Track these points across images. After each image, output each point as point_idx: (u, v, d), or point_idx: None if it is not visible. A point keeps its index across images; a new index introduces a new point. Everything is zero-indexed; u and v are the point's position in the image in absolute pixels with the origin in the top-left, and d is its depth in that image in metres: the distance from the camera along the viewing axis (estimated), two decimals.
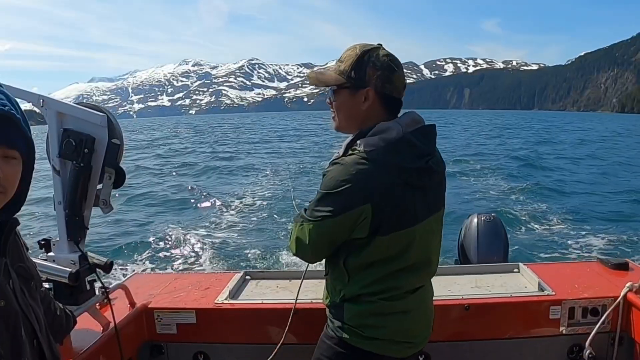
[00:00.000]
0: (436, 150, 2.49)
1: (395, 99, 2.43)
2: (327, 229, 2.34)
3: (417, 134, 2.36)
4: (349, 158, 2.30)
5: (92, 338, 3.02)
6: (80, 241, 2.85)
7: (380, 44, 2.45)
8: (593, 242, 13.46)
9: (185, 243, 13.96)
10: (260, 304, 3.50)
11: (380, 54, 2.38)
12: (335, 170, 2.31)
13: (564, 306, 3.36)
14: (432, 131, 2.49)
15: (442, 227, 2.63)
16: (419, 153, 2.34)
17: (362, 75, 2.39)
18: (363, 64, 2.38)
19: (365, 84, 2.38)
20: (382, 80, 2.37)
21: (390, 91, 2.40)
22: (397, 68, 2.40)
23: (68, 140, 2.70)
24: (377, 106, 2.41)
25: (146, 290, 3.75)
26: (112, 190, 2.84)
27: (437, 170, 2.43)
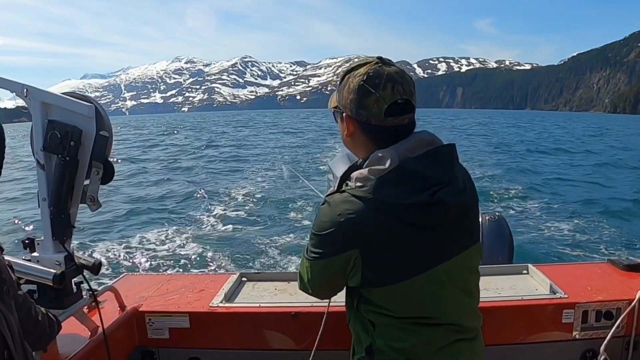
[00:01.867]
0: (456, 177, 2.01)
1: (379, 127, 2.02)
2: (320, 269, 2.11)
3: (423, 159, 1.96)
4: (337, 196, 2.03)
5: (80, 344, 2.85)
6: (66, 240, 2.67)
7: (379, 58, 2.08)
8: (596, 242, 13.45)
9: (178, 243, 13.83)
10: (257, 308, 3.32)
11: (357, 73, 2.04)
12: (323, 210, 2.06)
13: (578, 309, 3.21)
14: (448, 153, 2.04)
15: (477, 264, 2.19)
16: (423, 184, 1.92)
17: (340, 98, 2.13)
18: (343, 85, 2.11)
19: (344, 110, 2.12)
20: (355, 105, 2.03)
21: (367, 118, 2.02)
22: (374, 88, 1.97)
23: (53, 132, 2.53)
24: (362, 136, 2.11)
25: (137, 293, 3.58)
26: (100, 186, 2.65)
27: (454, 201, 1.94)
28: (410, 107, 2.03)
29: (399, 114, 1.99)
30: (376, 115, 1.99)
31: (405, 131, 2.05)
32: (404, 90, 1.98)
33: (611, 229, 15.03)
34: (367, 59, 2.10)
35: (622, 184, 25.73)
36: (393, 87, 1.96)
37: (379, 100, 1.96)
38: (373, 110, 1.98)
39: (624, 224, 15.98)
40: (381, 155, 1.98)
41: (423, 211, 1.92)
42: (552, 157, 39.95)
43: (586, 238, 14.03)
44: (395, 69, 2.03)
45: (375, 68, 2.01)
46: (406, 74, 2.04)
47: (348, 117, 2.10)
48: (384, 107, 1.97)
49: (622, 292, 3.33)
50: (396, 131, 2.03)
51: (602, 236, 14.17)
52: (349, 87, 2.04)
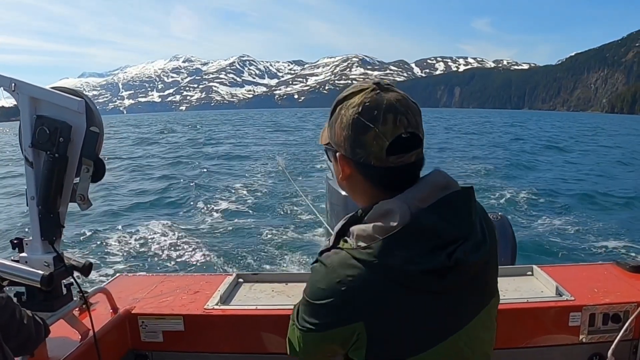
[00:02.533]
0: (475, 226, 1.66)
1: (381, 169, 1.66)
2: (314, 342, 1.75)
3: (438, 211, 1.60)
4: (335, 258, 1.64)
5: (70, 348, 2.75)
6: (56, 240, 2.58)
7: (375, 84, 1.70)
8: (599, 243, 13.46)
9: (173, 243, 13.79)
10: (253, 310, 3.24)
11: (350, 103, 1.68)
12: (319, 273, 1.66)
13: (585, 312, 3.12)
14: (465, 199, 1.69)
15: (494, 317, 1.88)
16: (438, 243, 1.57)
17: (332, 135, 1.76)
18: (334, 119, 1.74)
19: (337, 149, 1.75)
20: (350, 144, 1.67)
21: (365, 158, 1.65)
22: (372, 122, 1.61)
23: (42, 128, 2.45)
24: (360, 179, 1.74)
25: (130, 294, 3.49)
26: (90, 184, 2.55)
27: (474, 259, 1.60)
28: (417, 141, 1.66)
29: (404, 151, 1.63)
30: (376, 154, 1.63)
31: (413, 171, 1.70)
32: (408, 121, 1.62)
33: (611, 229, 15.06)
34: (361, 85, 1.73)
35: (621, 183, 25.86)
36: (395, 119, 1.61)
37: (378, 136, 1.61)
38: (372, 148, 1.63)
39: (623, 224, 16.00)
40: (387, 209, 1.61)
41: (439, 276, 1.56)
42: (548, 156, 40.49)
43: (587, 238, 14.05)
44: (396, 95, 1.67)
45: (371, 96, 1.65)
46: (410, 100, 1.68)
47: (343, 158, 1.74)
48: (385, 145, 1.61)
49: (629, 295, 3.26)
50: (402, 172, 1.67)
51: (603, 236, 14.17)
52: (342, 121, 1.68)
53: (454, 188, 1.68)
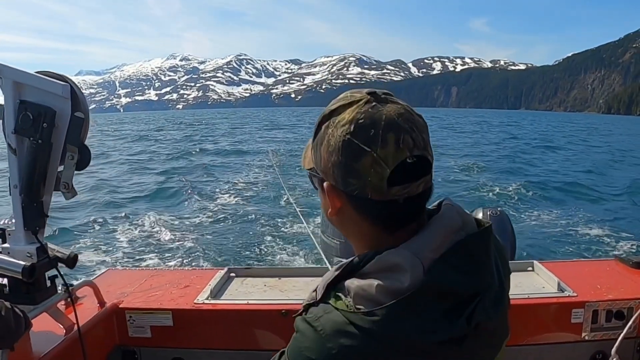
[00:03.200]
0: (493, 274, 1.38)
1: (381, 204, 1.32)
2: None
3: (455, 262, 1.29)
4: (328, 321, 1.29)
5: (53, 342, 2.66)
6: (39, 231, 2.49)
7: (370, 93, 1.36)
8: (597, 238, 13.56)
9: (164, 239, 13.80)
10: (245, 305, 3.15)
11: (339, 121, 1.34)
12: (307, 338, 1.33)
13: (588, 309, 3.04)
14: (485, 242, 1.38)
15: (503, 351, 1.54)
16: (455, 303, 1.27)
17: (317, 159, 1.42)
18: (319, 139, 1.40)
19: (325, 177, 1.41)
20: (341, 172, 1.33)
21: (361, 190, 1.31)
22: (369, 144, 1.28)
23: (25, 113, 2.35)
24: (355, 216, 1.40)
25: (118, 289, 3.41)
26: (75, 172, 2.46)
27: (494, 316, 1.35)
28: (425, 165, 1.33)
29: (410, 180, 1.30)
30: (375, 185, 1.29)
31: (420, 203, 1.38)
32: (413, 141, 1.29)
33: (611, 226, 15.15)
34: (352, 95, 1.39)
35: (617, 180, 26.18)
36: (398, 140, 1.27)
37: (377, 162, 1.27)
38: (370, 178, 1.29)
39: (620, 221, 16.16)
40: (395, 263, 1.29)
41: (456, 344, 1.28)
42: (540, 154, 41.55)
43: (587, 235, 14.14)
44: (397, 107, 1.33)
45: (366, 111, 1.31)
46: (414, 113, 1.35)
47: (332, 188, 1.39)
48: (386, 173, 1.27)
49: (633, 291, 3.17)
50: (407, 206, 1.34)
51: (603, 233, 14.24)
52: (329, 143, 1.34)
53: (470, 229, 1.38)
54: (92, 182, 23.59)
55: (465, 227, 1.36)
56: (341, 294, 1.34)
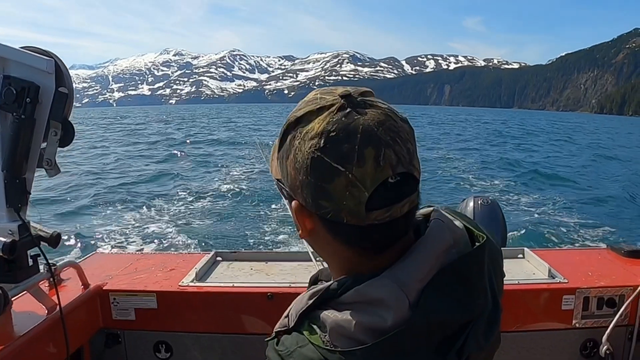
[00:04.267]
0: (487, 296, 1.19)
1: (358, 230, 1.12)
2: None
3: (444, 289, 1.12)
4: (300, 356, 1.13)
5: (34, 322, 2.61)
6: (22, 208, 2.46)
7: (343, 96, 1.13)
8: (589, 230, 13.71)
9: (151, 225, 13.83)
10: (230, 288, 3.11)
11: (307, 132, 1.12)
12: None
13: (579, 295, 3.01)
14: (479, 262, 1.18)
15: None
16: (444, 335, 1.12)
17: (284, 173, 1.21)
18: (285, 152, 1.18)
19: (293, 194, 1.21)
20: (310, 193, 1.13)
21: (334, 214, 1.11)
22: (343, 162, 1.07)
23: (9, 88, 2.31)
24: (328, 238, 1.20)
25: (103, 272, 3.36)
26: (58, 149, 2.43)
27: (486, 345, 1.19)
28: (411, 183, 1.13)
29: (392, 202, 1.10)
30: (351, 210, 1.09)
31: (405, 226, 1.17)
32: (397, 156, 1.08)
33: (598, 216, 15.42)
34: (322, 97, 1.16)
35: (610, 177, 26.74)
36: (378, 156, 1.06)
37: (353, 184, 1.07)
38: (345, 202, 1.09)
39: (610, 212, 16.53)
40: (376, 298, 1.11)
41: None
42: (534, 150, 42.46)
43: (575, 223, 14.34)
44: (377, 114, 1.11)
45: (339, 120, 1.09)
46: (397, 119, 1.14)
47: (302, 209, 1.19)
48: (364, 197, 1.07)
49: (625, 279, 3.15)
50: (389, 229, 1.13)
51: (593, 224, 14.44)
52: (296, 158, 1.13)
53: (463, 246, 1.20)
54: (83, 170, 23.74)
55: (457, 245, 1.19)
56: (315, 326, 1.17)
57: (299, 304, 1.25)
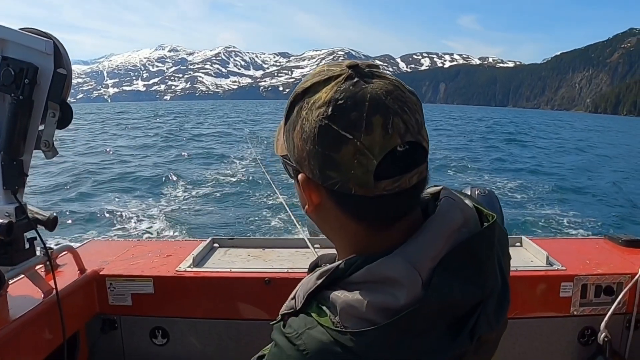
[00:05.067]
0: (496, 273, 1.17)
1: (367, 200, 1.09)
2: None
3: (456, 268, 1.08)
4: (311, 339, 1.07)
5: (30, 305, 2.59)
6: (19, 190, 2.45)
7: (350, 67, 1.12)
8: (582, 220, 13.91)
9: (148, 214, 13.88)
10: (227, 273, 3.10)
11: (314, 101, 1.10)
12: (287, 356, 1.10)
13: (577, 282, 3.01)
14: (489, 240, 1.15)
15: None
16: (455, 316, 1.09)
17: (290, 146, 1.18)
18: (292, 123, 1.16)
19: (299, 168, 1.17)
20: (317, 163, 1.10)
21: (342, 185, 1.09)
22: (350, 130, 1.04)
23: (7, 69, 2.31)
24: (335, 212, 1.17)
25: (99, 257, 3.35)
26: (56, 131, 2.41)
27: (496, 326, 1.16)
28: (420, 153, 1.10)
29: (401, 172, 1.07)
30: (359, 179, 1.06)
31: (414, 199, 1.14)
32: (405, 125, 1.06)
33: (590, 209, 15.67)
34: (329, 69, 1.14)
35: (603, 173, 27.20)
36: (386, 124, 1.04)
37: (361, 152, 1.04)
38: (353, 171, 1.06)
39: (601, 205, 16.89)
40: (388, 277, 1.07)
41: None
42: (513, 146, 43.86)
43: (572, 215, 14.54)
44: (384, 83, 1.10)
45: (347, 89, 1.08)
46: (405, 90, 1.12)
47: (308, 182, 1.16)
48: (372, 165, 1.04)
49: (623, 267, 3.15)
50: (398, 200, 1.10)
51: (588, 216, 14.64)
52: (303, 129, 1.11)
53: (473, 226, 1.16)
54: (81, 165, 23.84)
55: (467, 224, 1.15)
56: (324, 307, 1.13)
57: (307, 285, 1.21)
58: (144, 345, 3.22)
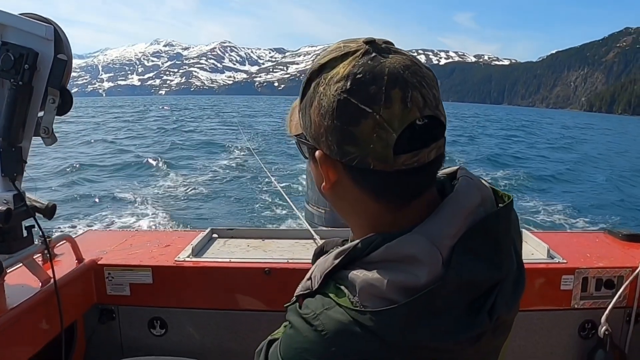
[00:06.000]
0: (511, 254, 1.18)
1: (386, 175, 1.08)
2: None
3: (475, 247, 1.08)
4: (330, 319, 1.05)
5: (28, 294, 2.57)
6: (17, 177, 2.41)
7: (367, 42, 1.12)
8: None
9: (147, 204, 13.91)
10: (227, 263, 3.08)
11: (332, 76, 1.09)
12: (304, 338, 1.08)
13: (578, 276, 3.00)
14: (507, 219, 1.17)
15: None
16: (475, 296, 1.07)
17: (307, 123, 1.16)
18: (308, 100, 1.14)
19: (316, 144, 1.16)
20: (335, 138, 1.08)
21: (360, 159, 1.07)
22: (369, 103, 1.03)
23: (6, 54, 2.27)
24: (353, 190, 1.16)
25: (97, 247, 3.32)
26: (55, 117, 2.38)
27: (512, 305, 1.15)
28: (438, 128, 1.10)
29: (420, 146, 1.06)
30: (379, 153, 1.05)
31: (431, 174, 1.15)
32: (424, 99, 1.05)
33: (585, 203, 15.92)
34: (346, 45, 1.13)
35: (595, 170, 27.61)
36: (404, 97, 1.03)
37: (380, 126, 1.03)
38: (372, 145, 1.05)
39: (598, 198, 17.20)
40: (408, 255, 1.06)
41: (477, 342, 1.07)
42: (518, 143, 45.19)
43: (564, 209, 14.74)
44: (402, 58, 1.09)
45: (364, 63, 1.07)
46: (422, 65, 1.12)
47: (325, 158, 1.14)
48: (392, 139, 1.03)
49: (624, 260, 3.14)
50: (416, 176, 1.10)
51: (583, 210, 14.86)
52: (321, 104, 1.10)
53: (489, 206, 1.17)
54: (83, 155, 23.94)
55: (485, 204, 1.15)
56: (343, 287, 1.11)
57: (324, 265, 1.18)
58: (142, 336, 3.20)
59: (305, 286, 1.21)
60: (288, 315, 1.18)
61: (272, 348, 1.23)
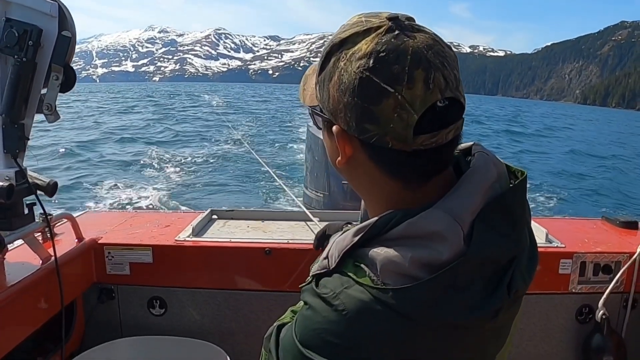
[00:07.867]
0: (525, 231, 1.20)
1: (405, 155, 1.07)
2: None
3: (493, 223, 1.07)
4: (348, 297, 1.04)
5: (29, 271, 2.57)
6: (19, 154, 2.42)
7: (390, 19, 1.08)
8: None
9: (146, 186, 13.99)
10: (227, 242, 3.09)
11: (354, 52, 1.06)
12: (324, 318, 1.05)
13: (576, 260, 3.03)
14: (522, 195, 1.18)
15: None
16: (495, 270, 1.08)
17: (325, 97, 1.14)
18: (327, 74, 1.12)
19: (333, 119, 1.14)
20: (355, 115, 1.07)
21: (379, 138, 1.06)
22: (392, 83, 1.01)
23: (10, 31, 2.28)
24: (369, 166, 1.15)
25: (97, 227, 3.33)
26: (59, 94, 2.39)
27: (528, 280, 1.15)
28: (457, 109, 1.09)
29: (439, 127, 1.05)
30: (398, 133, 1.03)
31: (449, 155, 1.14)
32: (445, 80, 1.04)
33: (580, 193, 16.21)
34: (368, 20, 1.10)
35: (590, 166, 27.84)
36: (428, 78, 1.02)
37: (402, 106, 1.01)
38: (392, 125, 1.03)
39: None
40: (431, 231, 1.04)
41: (495, 316, 1.07)
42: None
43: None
44: (426, 37, 1.07)
45: (388, 41, 1.04)
46: (444, 45, 1.10)
47: (342, 133, 1.13)
48: (413, 120, 1.02)
49: (621, 246, 3.17)
50: (434, 156, 1.10)
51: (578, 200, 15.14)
52: (341, 80, 1.07)
53: (504, 182, 1.16)
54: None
55: (500, 180, 1.15)
56: (362, 265, 1.08)
57: (342, 243, 1.14)
58: (142, 315, 3.21)
59: (322, 265, 1.17)
60: (303, 296, 1.16)
61: (283, 332, 1.18)
